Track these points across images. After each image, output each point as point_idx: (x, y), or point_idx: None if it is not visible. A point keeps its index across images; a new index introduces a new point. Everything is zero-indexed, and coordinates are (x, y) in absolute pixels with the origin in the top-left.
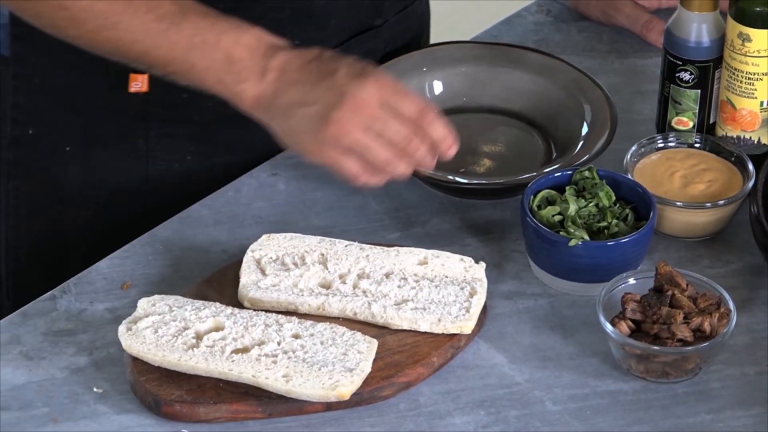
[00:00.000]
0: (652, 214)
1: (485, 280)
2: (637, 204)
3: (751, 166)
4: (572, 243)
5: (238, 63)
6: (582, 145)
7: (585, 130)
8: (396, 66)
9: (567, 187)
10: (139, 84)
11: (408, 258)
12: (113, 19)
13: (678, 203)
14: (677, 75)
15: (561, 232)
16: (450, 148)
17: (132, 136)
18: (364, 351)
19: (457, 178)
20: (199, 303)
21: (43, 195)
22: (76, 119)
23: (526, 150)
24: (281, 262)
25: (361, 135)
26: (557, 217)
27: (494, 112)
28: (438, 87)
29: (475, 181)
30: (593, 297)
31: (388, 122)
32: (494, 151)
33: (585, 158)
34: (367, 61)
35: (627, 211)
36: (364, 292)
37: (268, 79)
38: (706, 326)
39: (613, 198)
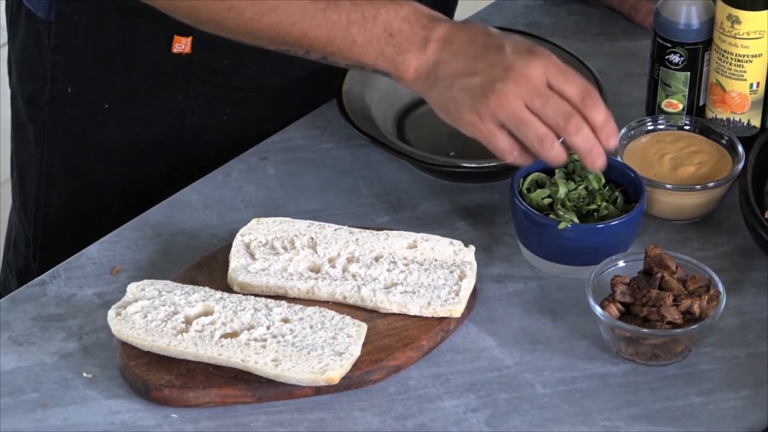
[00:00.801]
0: (642, 196)
1: (475, 263)
2: (627, 187)
3: (740, 149)
4: (561, 226)
5: (399, 35)
6: None
7: None
8: None
9: (556, 170)
10: (182, 45)
11: (397, 241)
12: (271, 4)
13: (668, 185)
14: (667, 57)
15: (550, 215)
16: (610, 137)
17: (171, 93)
18: (353, 335)
19: (448, 161)
20: (188, 287)
21: (78, 153)
22: (116, 77)
23: None
24: (270, 246)
25: (521, 109)
26: (546, 200)
27: None
28: None
29: (465, 164)
30: (583, 280)
31: (550, 99)
32: None
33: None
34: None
35: (617, 193)
36: (353, 275)
37: (430, 50)
38: (696, 308)
39: (603, 181)
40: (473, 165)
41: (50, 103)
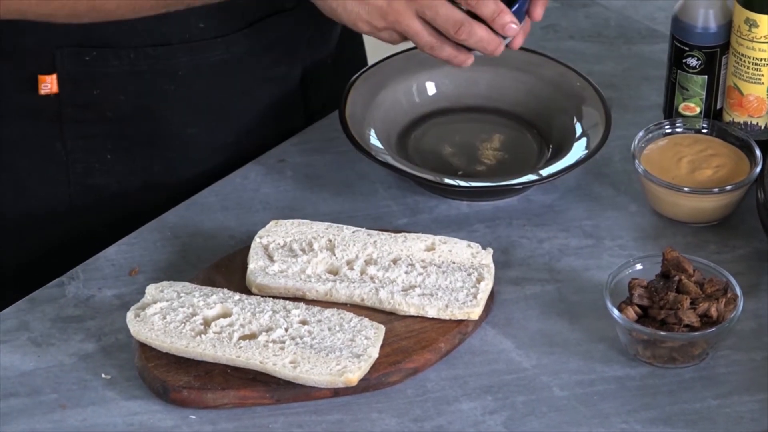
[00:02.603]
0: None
1: (492, 266)
2: None
3: (758, 152)
4: None
5: None
6: (577, 143)
7: (577, 125)
8: (380, 71)
9: None
10: (48, 85)
11: (415, 244)
12: None
13: (685, 189)
14: (684, 61)
15: None
16: (505, 26)
17: (48, 139)
18: (371, 337)
19: (451, 181)
20: (206, 289)
21: None
22: None
23: (520, 149)
24: (289, 249)
25: (412, 19)
26: None
27: (482, 112)
28: (431, 88)
29: (470, 184)
30: (600, 283)
31: (440, 9)
32: (490, 152)
33: (583, 156)
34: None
35: None
36: (371, 278)
37: None
38: (713, 312)
39: None
40: (479, 185)
41: None
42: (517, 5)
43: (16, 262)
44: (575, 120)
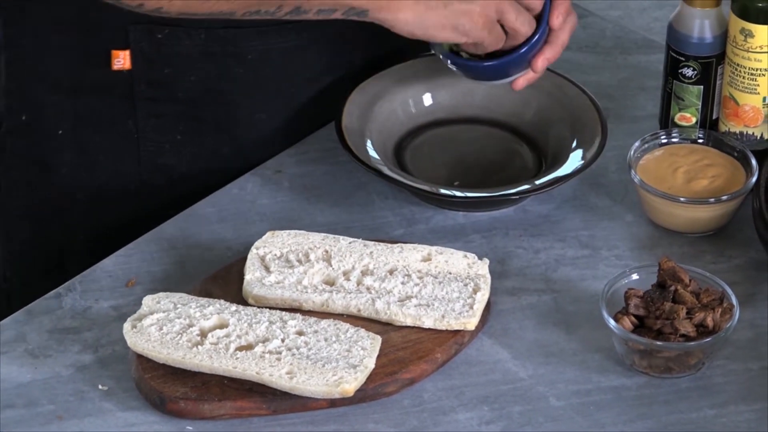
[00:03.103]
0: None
1: (489, 276)
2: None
3: (754, 162)
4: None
5: None
6: (573, 153)
7: (573, 135)
8: (377, 82)
9: None
10: (121, 61)
11: (412, 254)
12: None
13: (681, 199)
14: (680, 71)
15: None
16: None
17: (120, 116)
18: (367, 347)
19: (447, 192)
20: (203, 300)
21: (39, 184)
22: (65, 102)
23: (517, 160)
24: (285, 259)
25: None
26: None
27: (478, 122)
28: (428, 99)
29: (466, 194)
30: (596, 293)
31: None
32: (486, 162)
33: (579, 166)
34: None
35: None
36: (368, 288)
37: None
38: (709, 321)
39: None
40: (476, 195)
41: (8, 132)
42: (524, 49)
43: (85, 236)
44: (571, 130)
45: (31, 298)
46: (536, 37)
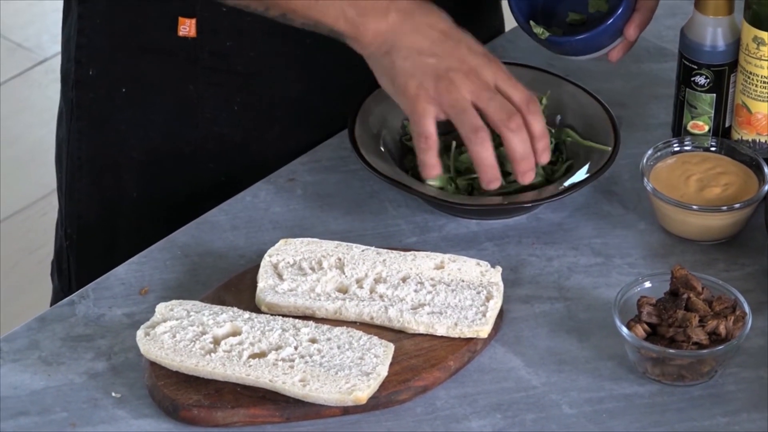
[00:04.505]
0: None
1: (501, 284)
2: None
3: (766, 170)
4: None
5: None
6: (587, 162)
7: (586, 143)
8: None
9: None
10: (186, 28)
11: (424, 262)
12: None
13: (694, 207)
14: (692, 79)
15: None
16: (544, 151)
17: (182, 81)
18: (380, 355)
19: (460, 200)
20: (216, 308)
21: (99, 137)
22: (130, 61)
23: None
24: (298, 267)
25: (466, 98)
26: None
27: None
28: None
29: (479, 203)
30: (609, 300)
31: (496, 97)
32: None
33: (592, 174)
34: None
35: None
36: (380, 296)
37: (390, 18)
38: (722, 329)
39: None
40: (496, 203)
41: (75, 85)
42: (612, 19)
43: (137, 195)
44: (584, 138)
45: (88, 258)
46: (622, 6)
